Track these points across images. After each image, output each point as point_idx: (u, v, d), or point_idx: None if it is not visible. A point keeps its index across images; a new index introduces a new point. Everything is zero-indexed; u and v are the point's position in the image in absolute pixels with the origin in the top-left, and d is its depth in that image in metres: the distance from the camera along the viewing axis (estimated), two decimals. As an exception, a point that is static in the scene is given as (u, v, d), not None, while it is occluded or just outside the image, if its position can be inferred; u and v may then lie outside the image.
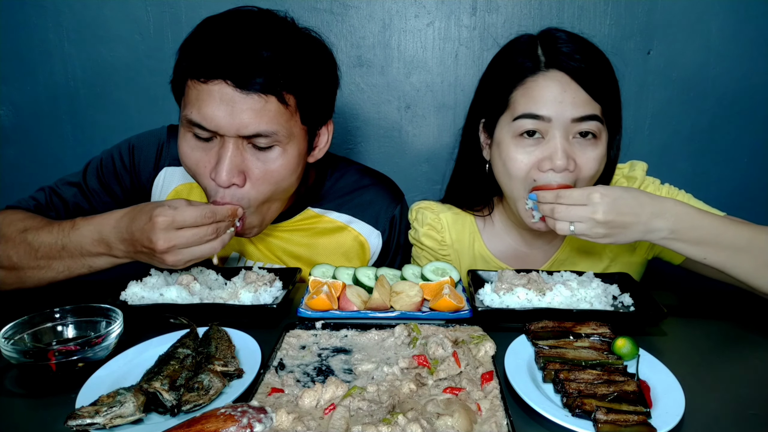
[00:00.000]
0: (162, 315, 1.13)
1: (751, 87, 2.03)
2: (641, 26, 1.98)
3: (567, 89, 1.14)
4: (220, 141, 1.14)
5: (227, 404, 0.81)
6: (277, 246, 1.49)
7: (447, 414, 0.80)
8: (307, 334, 1.09)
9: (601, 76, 1.18)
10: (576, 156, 1.18)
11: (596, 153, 1.20)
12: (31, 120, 2.06)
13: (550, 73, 1.16)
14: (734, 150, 2.10)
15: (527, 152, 1.20)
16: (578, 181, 1.21)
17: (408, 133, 2.12)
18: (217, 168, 1.13)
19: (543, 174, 1.18)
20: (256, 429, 0.75)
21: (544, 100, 1.16)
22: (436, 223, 1.48)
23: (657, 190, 1.42)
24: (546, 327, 1.07)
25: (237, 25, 1.14)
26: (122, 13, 1.96)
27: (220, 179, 1.13)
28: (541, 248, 1.46)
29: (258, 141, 1.14)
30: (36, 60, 2.00)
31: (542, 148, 1.18)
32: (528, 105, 1.17)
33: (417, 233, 1.50)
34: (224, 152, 1.12)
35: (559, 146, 1.15)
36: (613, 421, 0.80)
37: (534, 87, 1.17)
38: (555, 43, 1.20)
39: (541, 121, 1.16)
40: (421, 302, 1.18)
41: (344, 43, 2.02)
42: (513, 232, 1.47)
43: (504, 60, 1.27)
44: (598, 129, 1.18)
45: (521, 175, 1.22)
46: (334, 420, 0.79)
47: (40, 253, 1.20)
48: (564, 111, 1.15)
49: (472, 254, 1.48)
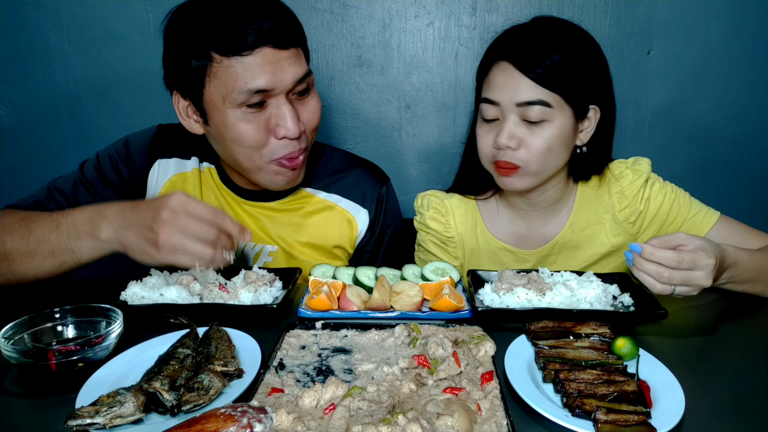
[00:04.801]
0: (162, 315, 1.13)
1: (751, 87, 2.03)
2: (641, 26, 1.98)
3: (511, 77, 1.30)
4: (273, 102, 1.25)
5: (227, 404, 0.81)
6: (267, 224, 1.51)
7: (447, 414, 0.80)
8: (307, 334, 1.09)
9: (557, 68, 1.28)
10: (524, 136, 1.32)
11: (544, 134, 1.31)
12: (31, 120, 2.06)
13: (501, 64, 1.32)
14: (734, 150, 2.10)
15: (487, 131, 1.37)
16: (527, 161, 1.32)
17: (408, 133, 2.12)
18: (284, 123, 1.25)
19: (497, 150, 1.35)
20: (256, 429, 0.75)
21: (495, 87, 1.33)
22: (440, 207, 1.56)
23: (662, 188, 1.45)
24: (546, 327, 1.07)
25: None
26: (122, 13, 1.96)
27: (292, 132, 1.26)
28: (540, 231, 1.52)
29: (300, 86, 1.27)
30: (36, 60, 2.00)
31: (497, 129, 1.34)
32: (487, 91, 1.35)
33: (423, 217, 1.58)
34: (284, 109, 1.25)
35: (505, 127, 1.32)
36: (613, 421, 0.80)
37: (491, 75, 1.35)
38: (517, 37, 1.33)
39: (495, 106, 1.33)
40: (421, 302, 1.18)
41: (344, 43, 2.02)
42: (514, 216, 1.54)
43: (487, 49, 1.42)
44: (546, 113, 1.29)
45: (484, 151, 1.39)
46: (334, 420, 0.79)
47: (32, 236, 1.19)
48: (510, 96, 1.30)
49: (475, 236, 1.54)
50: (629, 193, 1.45)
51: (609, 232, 1.47)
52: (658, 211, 1.44)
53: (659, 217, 1.45)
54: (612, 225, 1.47)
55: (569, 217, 1.49)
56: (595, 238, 1.48)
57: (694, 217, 1.42)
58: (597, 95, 1.35)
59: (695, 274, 1.08)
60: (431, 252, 1.58)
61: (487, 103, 1.34)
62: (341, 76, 2.06)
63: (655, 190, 1.45)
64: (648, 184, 1.45)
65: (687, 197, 1.46)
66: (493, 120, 1.35)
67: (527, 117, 1.30)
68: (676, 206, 1.44)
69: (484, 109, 1.35)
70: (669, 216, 1.44)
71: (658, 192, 1.44)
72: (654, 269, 1.07)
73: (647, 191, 1.45)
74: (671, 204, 1.44)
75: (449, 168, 2.13)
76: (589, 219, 1.48)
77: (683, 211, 1.44)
